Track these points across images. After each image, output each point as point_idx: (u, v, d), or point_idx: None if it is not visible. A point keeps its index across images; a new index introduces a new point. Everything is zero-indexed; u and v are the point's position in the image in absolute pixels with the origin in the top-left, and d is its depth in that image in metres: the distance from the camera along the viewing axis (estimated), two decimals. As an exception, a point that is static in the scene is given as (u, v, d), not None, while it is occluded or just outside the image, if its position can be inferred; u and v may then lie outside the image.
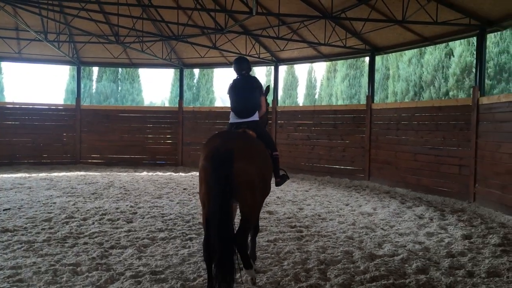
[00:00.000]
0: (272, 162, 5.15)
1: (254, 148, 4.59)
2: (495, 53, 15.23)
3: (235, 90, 5.46)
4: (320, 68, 66.16)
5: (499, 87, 15.13)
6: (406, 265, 5.33)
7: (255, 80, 5.59)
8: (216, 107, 22.04)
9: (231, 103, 5.44)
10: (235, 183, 4.09)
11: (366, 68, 18.35)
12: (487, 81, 14.40)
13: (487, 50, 11.65)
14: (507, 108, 8.29)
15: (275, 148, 5.47)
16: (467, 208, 9.01)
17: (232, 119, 5.42)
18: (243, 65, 5.55)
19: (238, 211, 4.94)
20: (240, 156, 4.16)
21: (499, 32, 14.49)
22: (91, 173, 14.36)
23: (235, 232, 4.22)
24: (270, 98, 16.09)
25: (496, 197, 8.48)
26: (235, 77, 5.61)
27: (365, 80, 20.87)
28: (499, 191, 8.40)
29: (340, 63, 23.33)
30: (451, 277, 4.86)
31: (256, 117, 5.36)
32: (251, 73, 5.76)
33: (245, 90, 5.40)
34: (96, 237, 6.48)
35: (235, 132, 5.02)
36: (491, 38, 15.23)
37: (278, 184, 5.72)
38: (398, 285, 4.69)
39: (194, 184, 12.07)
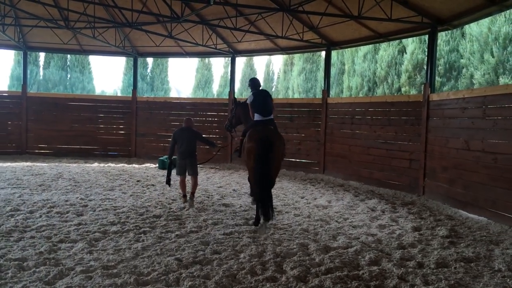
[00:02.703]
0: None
1: (279, 135, 7.23)
2: (445, 51, 15.81)
3: (259, 99, 7.57)
4: (278, 61, 66.53)
5: (448, 84, 15.73)
6: (360, 256, 5.44)
7: (268, 92, 7.98)
8: (172, 97, 21.63)
9: (257, 107, 7.49)
10: (272, 155, 6.69)
11: (323, 63, 18.57)
12: (437, 79, 14.91)
13: (438, 48, 12.08)
14: (456, 105, 8.62)
15: None
16: (417, 201, 9.33)
17: (258, 117, 7.44)
18: (259, 82, 8.09)
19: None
20: (275, 140, 6.87)
21: (449, 31, 15.04)
22: (38, 164, 13.73)
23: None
24: (226, 89, 16.00)
25: (444, 190, 8.83)
26: (253, 91, 7.81)
27: (321, 74, 21.12)
28: (447, 184, 8.75)
29: (297, 56, 23.50)
30: (402, 268, 5.00)
31: (272, 115, 7.57)
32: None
33: (265, 99, 7.60)
34: (43, 230, 6.19)
35: (268, 126, 7.27)
36: (442, 37, 15.78)
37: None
38: (352, 276, 4.77)
39: (148, 176, 11.81)
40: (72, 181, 10.59)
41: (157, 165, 14.03)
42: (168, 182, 8.46)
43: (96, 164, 14.24)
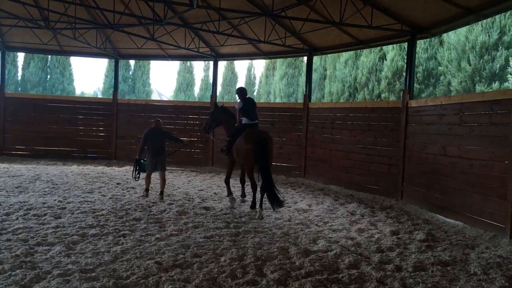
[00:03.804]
0: None
1: (270, 137, 8.53)
2: (424, 58, 16.12)
3: (248, 106, 8.98)
4: (260, 65, 66.75)
5: (427, 91, 16.04)
6: (339, 260, 5.49)
7: (253, 99, 9.32)
8: (153, 100, 21.51)
9: (247, 113, 8.90)
10: (268, 152, 8.06)
11: (305, 68, 18.72)
12: (416, 85, 15.19)
13: (416, 56, 12.30)
14: (433, 112, 8.79)
15: None
16: (395, 205, 9.47)
17: (246, 121, 8.89)
18: (246, 91, 9.36)
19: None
20: (269, 141, 8.26)
21: (428, 39, 15.34)
22: (15, 166, 13.47)
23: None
24: (208, 93, 15.98)
25: (421, 195, 8.99)
26: (241, 99, 9.10)
27: (303, 79, 21.29)
28: (424, 189, 8.91)
29: (279, 61, 23.63)
30: (381, 272, 5.07)
31: (257, 120, 9.08)
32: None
33: (253, 106, 9.04)
34: (20, 233, 6.08)
35: (259, 129, 8.93)
36: (421, 44, 16.10)
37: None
38: (332, 280, 4.82)
39: (128, 179, 11.70)
40: (50, 183, 10.42)
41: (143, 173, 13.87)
42: (136, 177, 9.44)
43: (75, 166, 14.05)
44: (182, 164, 14.99)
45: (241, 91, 9.26)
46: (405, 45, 12.33)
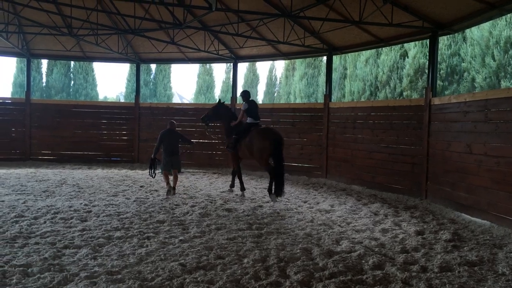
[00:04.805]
0: None
1: (281, 135, 9.58)
2: (447, 55, 15.85)
3: (253, 107, 10.08)
4: (281, 66, 66.68)
5: (450, 88, 15.76)
6: (363, 261, 5.44)
7: (256, 102, 10.47)
8: (174, 103, 21.74)
9: (251, 113, 10.01)
10: (281, 149, 9.23)
11: (324, 67, 18.63)
12: (439, 82, 14.97)
13: (439, 52, 12.12)
14: (457, 109, 8.64)
15: None
16: (419, 205, 9.33)
17: (251, 120, 9.99)
18: (249, 94, 10.44)
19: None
20: (282, 139, 9.38)
21: (451, 35, 15.08)
22: (42, 170, 13.80)
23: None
24: (229, 95, 16.07)
25: (446, 194, 8.83)
26: (246, 100, 10.21)
27: (322, 79, 21.19)
28: (449, 188, 8.75)
29: (298, 61, 23.57)
30: (406, 272, 5.01)
31: (259, 119, 10.18)
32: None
33: (256, 108, 10.19)
34: (48, 236, 6.22)
35: (269, 127, 10.28)
36: (444, 41, 15.83)
37: None
38: (356, 281, 4.78)
39: (151, 182, 11.84)
40: (76, 187, 10.64)
41: (159, 170, 14.03)
42: (152, 175, 10.07)
43: (99, 170, 14.30)
44: (204, 166, 15.10)
45: (245, 94, 10.36)
46: (427, 42, 12.13)
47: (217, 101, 11.12)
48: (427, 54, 12.62)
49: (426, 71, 13.66)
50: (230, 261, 5.35)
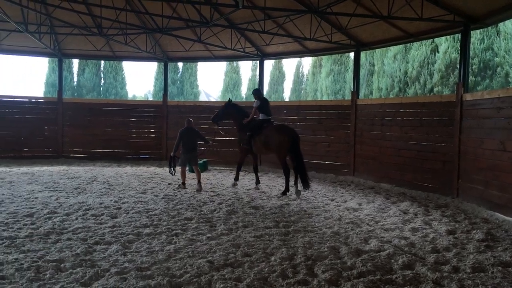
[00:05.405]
0: None
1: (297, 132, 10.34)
2: (479, 49, 15.39)
3: (264, 104, 10.69)
4: (308, 63, 66.36)
5: (483, 83, 15.32)
6: (393, 260, 5.36)
7: (267, 99, 11.19)
8: (201, 101, 21.90)
9: (264, 109, 10.61)
10: (299, 144, 9.86)
11: (351, 64, 18.41)
12: (471, 78, 14.57)
13: (471, 47, 11.79)
14: (490, 105, 8.39)
15: None
16: (451, 203, 9.12)
17: (264, 117, 10.57)
18: (261, 92, 11.39)
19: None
20: (298, 136, 10.01)
21: (484, 29, 14.65)
22: (73, 168, 14.14)
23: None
24: (255, 92, 16.12)
25: (479, 192, 8.60)
26: (258, 98, 10.77)
27: (349, 75, 20.95)
28: (482, 186, 8.51)
29: (325, 58, 23.36)
30: (437, 273, 4.90)
31: (271, 115, 10.80)
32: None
33: (268, 104, 10.81)
34: (79, 232, 6.37)
35: (285, 124, 11.09)
36: (476, 35, 15.38)
37: None
38: (385, 280, 4.71)
39: (179, 179, 11.94)
40: (106, 184, 10.86)
41: (187, 167, 14.19)
42: (172, 172, 10.67)
43: (128, 168, 14.55)
44: (231, 164, 15.15)
45: (257, 92, 11.03)
46: (459, 36, 11.82)
47: (227, 100, 11.60)
48: (459, 48, 12.30)
49: (458, 66, 13.29)
50: (257, 259, 5.35)
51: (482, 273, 4.96)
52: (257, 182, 11.06)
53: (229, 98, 11.84)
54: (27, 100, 16.42)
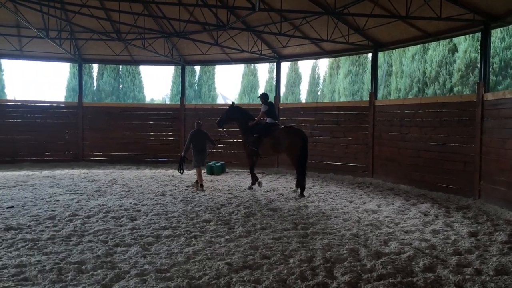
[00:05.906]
0: None
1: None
2: (500, 48, 15.10)
3: (271, 108, 10.98)
4: (324, 65, 66.15)
5: (504, 83, 15.03)
6: (413, 263, 5.29)
7: (273, 103, 11.53)
8: (219, 104, 21.98)
9: (271, 113, 10.92)
10: (307, 146, 10.21)
11: (369, 65, 18.25)
12: (492, 77, 14.31)
13: (492, 46, 11.58)
14: (513, 104, 8.22)
15: None
16: (472, 205, 8.96)
17: (271, 120, 10.85)
18: (268, 96, 11.18)
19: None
20: (307, 136, 10.37)
21: (504, 28, 14.38)
22: (94, 171, 14.34)
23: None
24: (272, 95, 16.11)
25: (502, 194, 8.43)
26: (265, 102, 10.95)
27: (367, 76, 20.79)
28: (505, 187, 8.35)
29: (342, 59, 23.25)
30: (459, 275, 4.82)
31: (278, 119, 11.22)
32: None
33: (275, 108, 11.29)
34: (100, 235, 6.45)
35: (293, 126, 11.18)
36: (497, 34, 15.10)
37: None
38: (406, 283, 4.65)
39: (194, 177, 12.00)
40: (125, 187, 10.98)
41: (205, 170, 14.26)
42: (181, 171, 10.87)
43: (147, 170, 14.69)
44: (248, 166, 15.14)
45: (265, 96, 11.16)
46: (479, 35, 11.62)
47: (231, 103, 11.88)
48: (479, 48, 12.10)
49: (478, 65, 13.07)
50: (276, 261, 5.34)
51: (506, 276, 4.86)
52: (253, 182, 11.16)
53: (232, 102, 12.15)
54: (48, 104, 16.74)
